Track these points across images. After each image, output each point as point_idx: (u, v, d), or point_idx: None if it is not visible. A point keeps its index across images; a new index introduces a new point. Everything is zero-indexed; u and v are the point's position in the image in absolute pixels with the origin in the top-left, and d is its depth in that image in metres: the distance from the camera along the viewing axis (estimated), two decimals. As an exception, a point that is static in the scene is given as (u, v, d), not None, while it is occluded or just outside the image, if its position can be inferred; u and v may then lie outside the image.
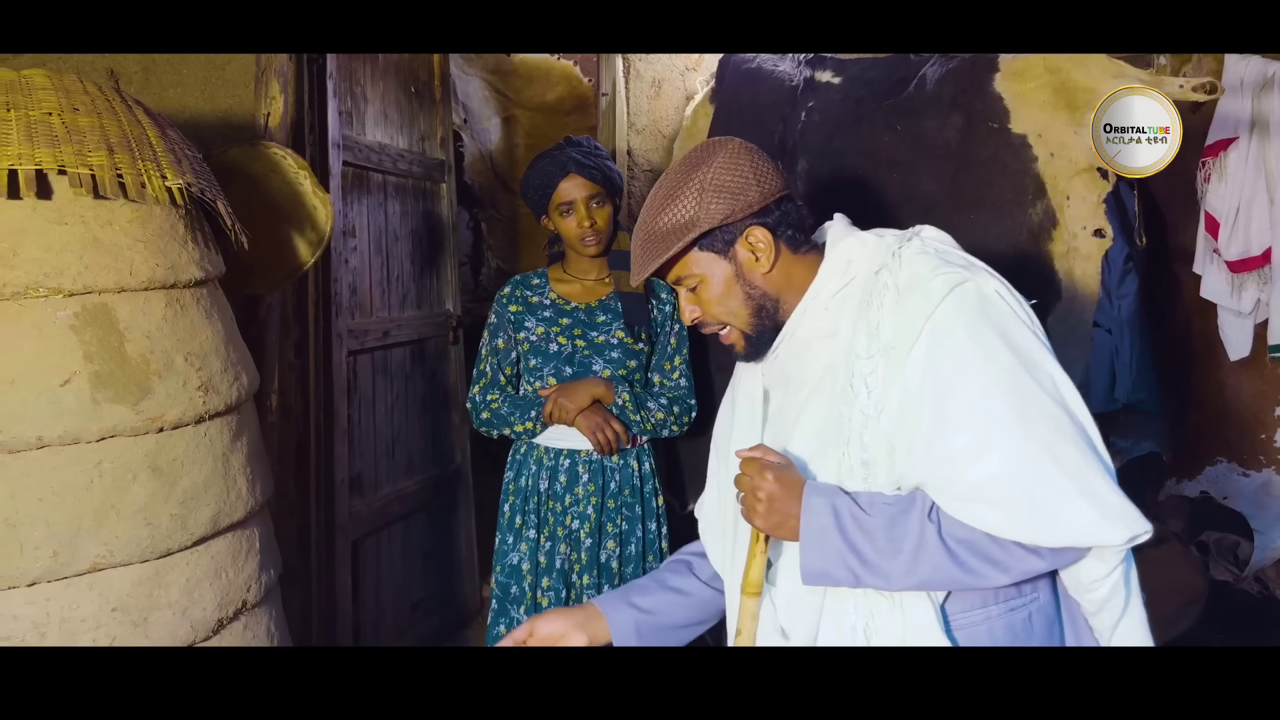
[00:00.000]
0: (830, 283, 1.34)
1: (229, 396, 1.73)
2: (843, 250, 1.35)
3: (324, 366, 2.73)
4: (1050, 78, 2.26)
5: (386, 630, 3.06)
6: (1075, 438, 1.17)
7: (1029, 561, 1.19)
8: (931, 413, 1.19)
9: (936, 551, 1.18)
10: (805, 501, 1.23)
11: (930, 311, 1.21)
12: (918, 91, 2.43)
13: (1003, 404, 1.17)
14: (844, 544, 1.21)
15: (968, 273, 1.24)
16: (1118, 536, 1.15)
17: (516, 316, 2.34)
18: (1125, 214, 3.33)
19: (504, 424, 2.29)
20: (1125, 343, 3.40)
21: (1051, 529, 1.15)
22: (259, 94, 2.45)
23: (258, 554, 1.81)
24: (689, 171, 1.33)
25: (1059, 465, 1.15)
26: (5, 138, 1.49)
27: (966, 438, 1.17)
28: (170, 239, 1.67)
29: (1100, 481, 1.16)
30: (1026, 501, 1.15)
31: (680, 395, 2.34)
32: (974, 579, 1.19)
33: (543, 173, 2.29)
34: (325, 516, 2.75)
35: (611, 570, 2.27)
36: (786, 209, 1.36)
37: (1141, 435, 3.53)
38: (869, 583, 1.22)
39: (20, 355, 1.47)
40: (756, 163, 1.34)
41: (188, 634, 1.65)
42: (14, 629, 1.47)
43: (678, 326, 2.38)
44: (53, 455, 1.49)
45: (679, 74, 3.43)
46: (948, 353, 1.20)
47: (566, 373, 2.29)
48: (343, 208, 2.79)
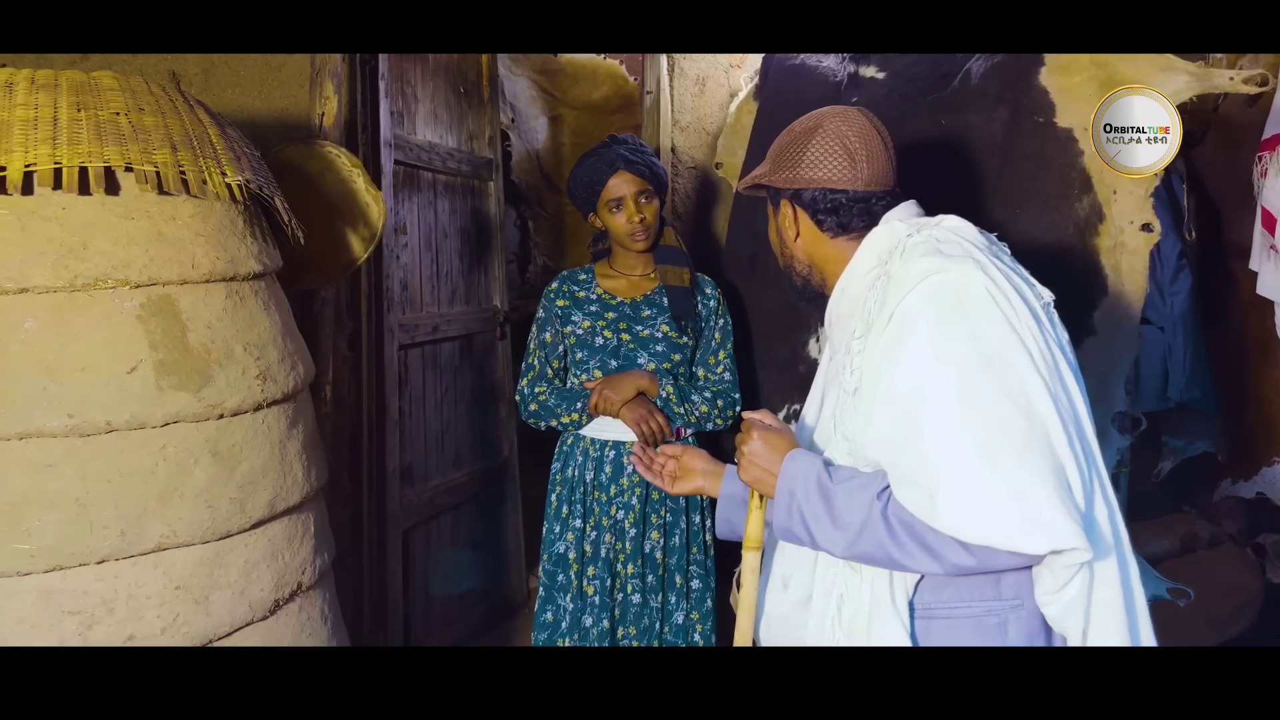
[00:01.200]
0: (862, 266, 1.41)
1: (286, 385, 1.79)
2: (875, 237, 1.41)
3: (376, 360, 2.80)
4: (1097, 71, 2.24)
5: (435, 618, 3.12)
6: (1021, 441, 1.16)
7: (959, 555, 1.18)
8: (881, 395, 1.24)
9: (879, 529, 1.21)
10: (783, 464, 1.32)
11: (900, 298, 1.25)
12: (962, 86, 2.42)
13: (946, 395, 1.18)
14: (804, 507, 1.28)
15: (951, 264, 1.25)
16: (1033, 545, 1.13)
17: (564, 311, 2.39)
18: (1176, 208, 3.28)
19: (551, 415, 2.34)
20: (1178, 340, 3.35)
21: (966, 524, 1.15)
22: (314, 94, 2.53)
23: (313, 538, 1.87)
24: (808, 129, 1.46)
25: (990, 464, 1.15)
26: (76, 136, 1.56)
27: (905, 422, 1.20)
28: (230, 233, 1.74)
29: (1036, 489, 1.14)
30: (948, 491, 1.15)
31: (724, 389, 2.36)
32: (910, 561, 1.21)
33: (591, 170, 2.32)
34: (377, 506, 2.82)
35: (655, 560, 2.30)
36: (835, 200, 1.43)
37: (1195, 435, 3.47)
38: (822, 548, 1.29)
39: (90, 344, 1.55)
40: (841, 151, 1.42)
41: (246, 613, 1.71)
42: (84, 604, 1.54)
43: (722, 321, 2.40)
44: (120, 439, 1.56)
45: (723, 71, 3.45)
46: (906, 339, 1.23)
47: (612, 365, 2.33)
48: (394, 205, 2.86)
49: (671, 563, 2.32)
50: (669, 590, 2.32)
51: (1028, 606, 1.28)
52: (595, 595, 2.29)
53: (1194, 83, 2.18)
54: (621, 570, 2.31)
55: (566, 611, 2.31)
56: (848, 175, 1.42)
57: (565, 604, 2.31)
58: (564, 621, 2.31)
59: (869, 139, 1.43)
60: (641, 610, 2.31)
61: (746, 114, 3.05)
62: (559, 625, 2.32)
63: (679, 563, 2.32)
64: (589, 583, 2.31)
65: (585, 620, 2.30)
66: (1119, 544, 1.25)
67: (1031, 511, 1.13)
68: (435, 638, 3.11)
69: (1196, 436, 3.44)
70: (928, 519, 1.17)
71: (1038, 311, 1.28)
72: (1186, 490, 3.84)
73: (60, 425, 1.51)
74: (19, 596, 1.51)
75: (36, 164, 1.52)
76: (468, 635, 3.28)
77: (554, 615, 2.34)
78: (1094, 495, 1.22)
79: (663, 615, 2.32)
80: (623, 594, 2.31)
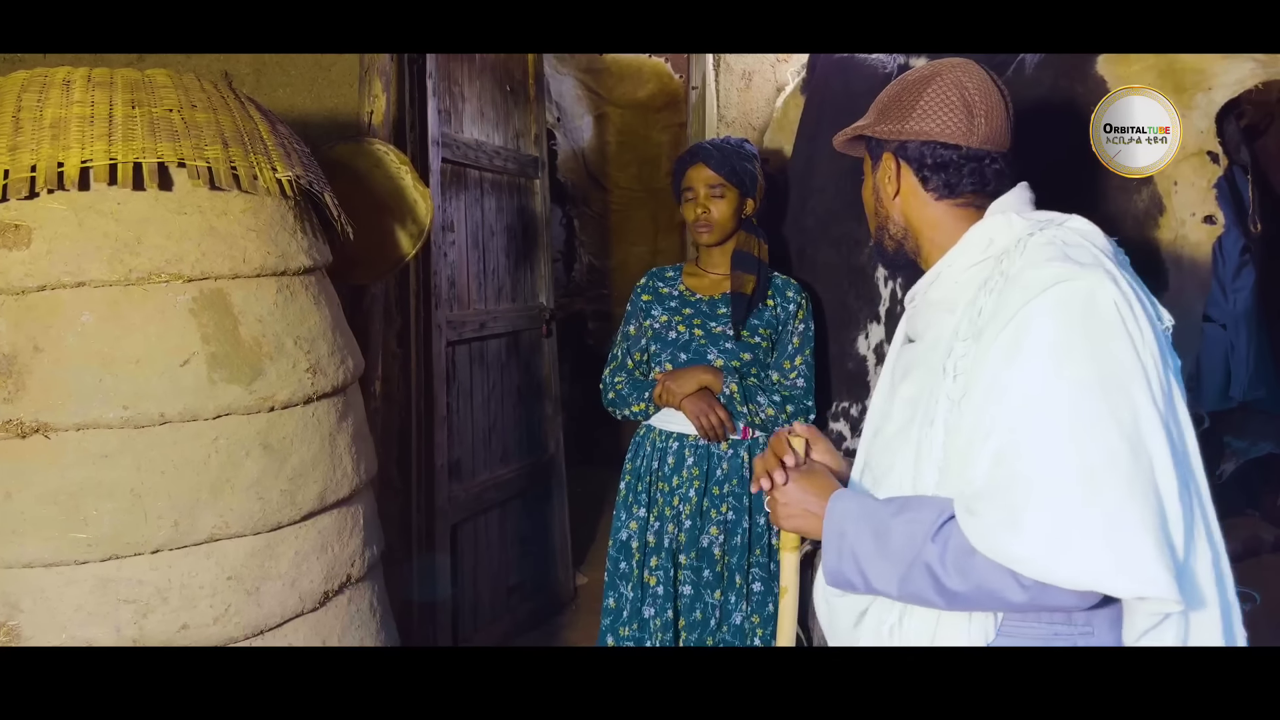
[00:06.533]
0: (967, 255, 1.29)
1: (335, 379, 1.81)
2: (988, 226, 1.29)
3: (424, 356, 2.82)
4: (1156, 60, 2.18)
5: (483, 613, 3.14)
6: (1126, 476, 1.06)
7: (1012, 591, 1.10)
8: (989, 407, 1.13)
9: (931, 558, 1.14)
10: (829, 505, 1.25)
11: (1024, 303, 1.14)
12: (1016, 76, 2.37)
13: (1056, 416, 1.09)
14: (857, 547, 1.21)
15: (1082, 271, 1.15)
16: (1119, 588, 1.04)
17: (646, 305, 2.46)
18: (1239, 202, 3.19)
19: (624, 404, 2.40)
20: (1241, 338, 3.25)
21: (1050, 557, 1.06)
22: (363, 93, 2.55)
23: (362, 530, 1.89)
24: (924, 78, 1.34)
25: (1090, 497, 1.06)
26: (131, 133, 1.59)
27: (1007, 438, 1.11)
28: (280, 228, 1.76)
29: (1133, 530, 1.04)
30: (1036, 520, 1.06)
31: (796, 395, 2.35)
32: (947, 600, 1.14)
33: (680, 160, 2.46)
34: (425, 500, 2.84)
35: (713, 556, 2.30)
36: (945, 156, 1.31)
37: (1259, 435, 3.37)
38: (879, 591, 1.21)
39: (145, 336, 1.57)
40: (959, 102, 1.30)
41: (296, 604, 1.73)
42: (139, 593, 1.57)
43: (803, 326, 2.40)
44: (174, 431, 1.59)
45: (769, 65, 3.42)
46: (1026, 349, 1.12)
47: (681, 359, 2.36)
48: (441, 203, 2.88)
49: (731, 562, 2.31)
50: (728, 589, 2.31)
51: (1097, 636, 1.19)
52: (658, 586, 2.30)
53: (1259, 69, 2.11)
54: (684, 560, 2.32)
55: (628, 600, 2.32)
56: (962, 129, 1.29)
57: (627, 593, 2.33)
58: (625, 610, 2.33)
59: (989, 94, 1.31)
60: (693, 603, 2.31)
61: (793, 108, 3.02)
62: (620, 613, 2.34)
63: (739, 563, 2.31)
64: (651, 573, 2.32)
65: (646, 611, 2.31)
66: (1222, 591, 1.15)
67: (1125, 554, 1.04)
68: (482, 633, 3.12)
69: (1260, 437, 3.33)
70: (994, 546, 1.08)
71: (1160, 336, 1.17)
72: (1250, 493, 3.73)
73: (116, 416, 1.54)
74: (76, 585, 1.54)
75: (93, 160, 1.55)
76: (514, 630, 3.29)
77: (616, 602, 2.36)
78: (1195, 539, 1.12)
79: (720, 614, 2.31)
80: (678, 585, 2.32)
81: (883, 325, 2.53)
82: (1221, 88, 2.14)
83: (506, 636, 3.24)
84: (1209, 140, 2.16)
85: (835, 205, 2.62)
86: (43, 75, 1.66)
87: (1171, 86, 2.18)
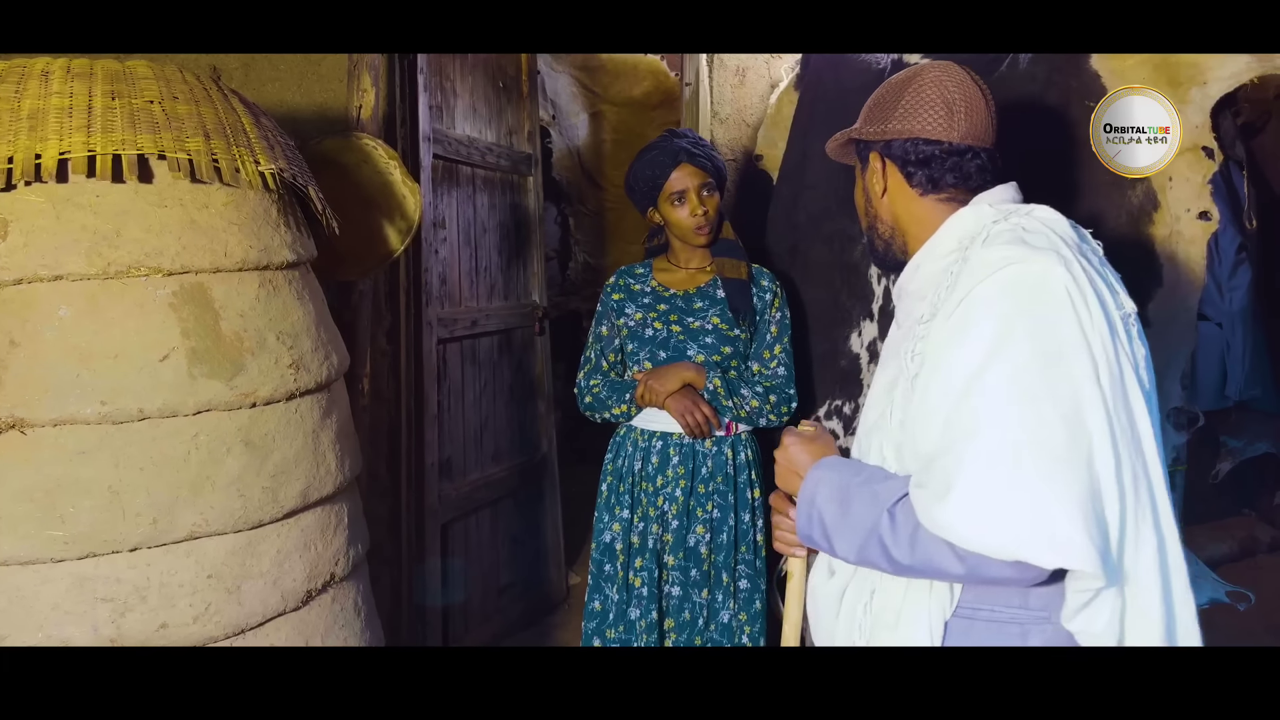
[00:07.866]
0: (942, 244, 1.33)
1: (319, 375, 1.79)
2: (963, 217, 1.32)
3: (414, 353, 2.80)
4: (1151, 54, 2.17)
5: (474, 613, 3.12)
6: (1057, 452, 1.07)
7: (949, 562, 1.12)
8: (938, 385, 1.17)
9: (884, 530, 1.18)
10: (810, 470, 1.31)
11: (973, 285, 1.18)
12: (1010, 71, 2.35)
13: (995, 392, 1.10)
14: (824, 512, 1.26)
15: (1033, 255, 1.17)
16: (1038, 558, 1.05)
17: (618, 304, 2.39)
18: (1235, 199, 3.17)
19: (603, 408, 2.34)
20: (1237, 337, 3.24)
21: (972, 525, 1.07)
22: (351, 88, 2.53)
23: (346, 529, 1.86)
24: (904, 80, 1.40)
25: (1016, 469, 1.07)
26: (110, 124, 1.57)
27: (951, 416, 1.13)
28: (263, 222, 1.73)
29: (1059, 505, 1.05)
30: (963, 490, 1.07)
31: (778, 385, 2.32)
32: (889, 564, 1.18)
33: (653, 164, 2.33)
34: (416, 499, 2.82)
35: (700, 555, 2.27)
36: (927, 151, 1.35)
37: (1256, 435, 3.36)
38: (839, 555, 1.26)
39: (124, 331, 1.55)
40: (938, 100, 1.35)
41: (278, 603, 1.70)
42: (117, 591, 1.55)
43: (779, 315, 2.36)
44: (153, 427, 1.56)
45: (763, 62, 3.40)
46: (972, 328, 1.15)
47: (661, 357, 2.31)
48: (433, 199, 2.86)
49: (718, 560, 2.28)
50: (715, 588, 2.28)
51: (1054, 622, 1.19)
52: (643, 587, 2.27)
53: (1254, 64, 2.10)
54: (669, 561, 2.29)
55: (613, 602, 2.29)
56: (943, 125, 1.34)
57: (612, 595, 2.30)
58: (611, 612, 2.30)
59: (969, 92, 1.35)
60: (681, 604, 2.28)
61: (787, 104, 3.00)
62: (606, 615, 2.31)
63: (726, 560, 2.28)
64: (635, 575, 2.29)
65: (631, 613, 2.28)
66: (1166, 579, 1.16)
67: (1045, 526, 1.05)
68: (474, 633, 3.10)
69: (1257, 437, 3.32)
70: (928, 516, 1.10)
71: (1115, 321, 1.19)
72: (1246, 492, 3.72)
73: (94, 412, 1.52)
74: (53, 583, 1.52)
75: (71, 152, 1.52)
76: (506, 631, 3.27)
77: (601, 605, 2.33)
78: (1139, 523, 1.13)
79: (708, 613, 2.29)
80: (665, 586, 2.29)
81: (875, 323, 2.51)
82: (1216, 82, 2.13)
83: (498, 637, 3.22)
84: (1204, 135, 2.15)
85: (828, 202, 2.60)
86: (21, 66, 1.64)
87: (1166, 81, 2.17)
